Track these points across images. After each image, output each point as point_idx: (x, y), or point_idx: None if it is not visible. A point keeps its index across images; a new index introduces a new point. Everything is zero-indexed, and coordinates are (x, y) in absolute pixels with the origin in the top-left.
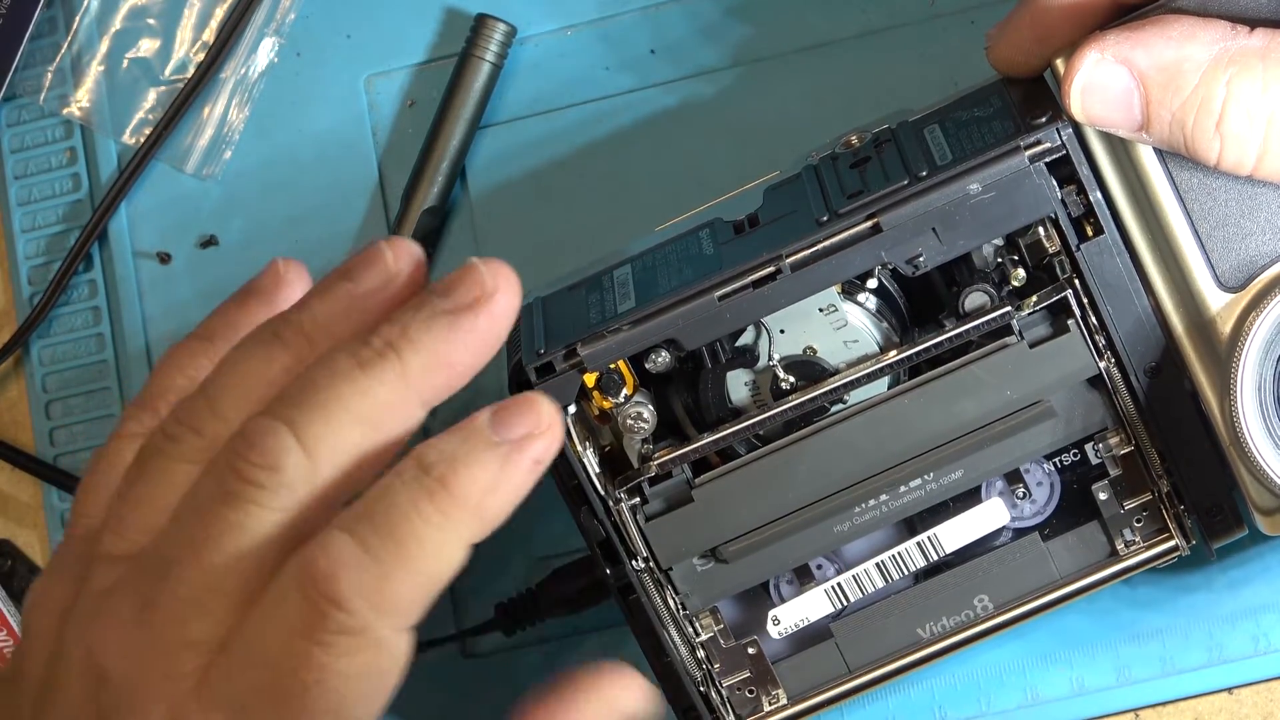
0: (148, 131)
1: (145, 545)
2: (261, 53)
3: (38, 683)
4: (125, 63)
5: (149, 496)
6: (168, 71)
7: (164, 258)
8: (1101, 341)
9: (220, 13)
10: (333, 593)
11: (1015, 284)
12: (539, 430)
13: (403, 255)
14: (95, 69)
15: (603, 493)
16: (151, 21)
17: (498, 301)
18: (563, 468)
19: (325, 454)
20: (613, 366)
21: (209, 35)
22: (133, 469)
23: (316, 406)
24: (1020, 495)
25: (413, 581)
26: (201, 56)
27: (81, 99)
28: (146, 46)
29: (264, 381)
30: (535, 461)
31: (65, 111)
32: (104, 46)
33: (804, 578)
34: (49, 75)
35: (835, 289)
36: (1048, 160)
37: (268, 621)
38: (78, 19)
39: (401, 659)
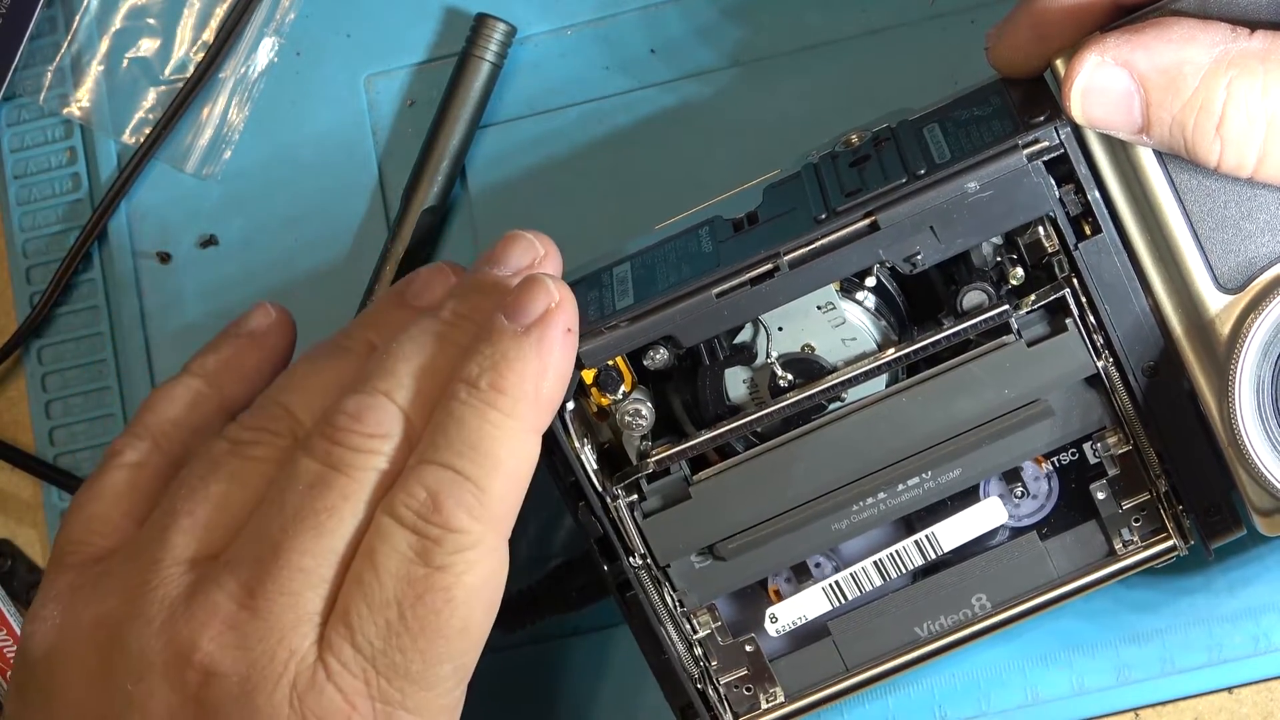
0: (147, 131)
1: (231, 542)
2: (261, 52)
3: (85, 709)
4: (125, 62)
5: (227, 497)
6: (167, 71)
7: (164, 257)
8: (1099, 341)
9: (220, 12)
10: (441, 518)
11: (1014, 283)
12: (554, 302)
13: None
14: (95, 68)
15: (600, 489)
16: (151, 21)
17: (557, 322)
18: (560, 464)
19: (418, 409)
20: (611, 363)
21: (209, 35)
22: (195, 478)
23: (401, 373)
24: (1018, 494)
25: (505, 485)
26: (201, 56)
27: (81, 98)
28: (146, 46)
29: (336, 386)
30: (567, 331)
31: (65, 111)
32: (104, 46)
33: (802, 575)
34: (49, 75)
35: (833, 287)
36: (1046, 159)
37: (383, 568)
38: (77, 18)
39: (507, 561)
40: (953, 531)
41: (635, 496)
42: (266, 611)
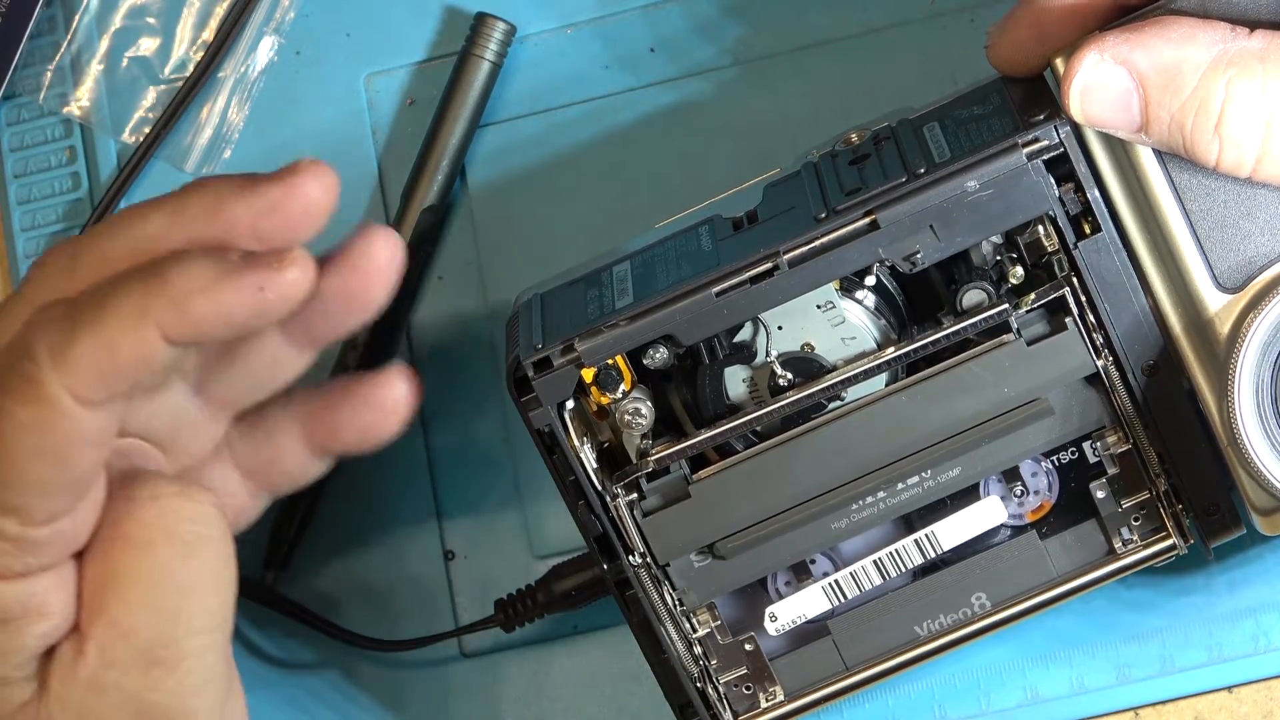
0: (147, 130)
1: None
2: (261, 51)
3: None
4: (125, 61)
5: None
6: (167, 70)
7: None
8: (1099, 340)
9: (220, 11)
10: (27, 340)
11: (1013, 282)
12: (279, 266)
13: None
14: (95, 68)
15: (600, 488)
16: (151, 20)
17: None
18: (560, 463)
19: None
20: (610, 362)
21: (208, 34)
22: None
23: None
24: (1018, 493)
25: (96, 348)
26: (201, 55)
27: (81, 97)
28: (146, 45)
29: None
30: (259, 290)
31: (65, 110)
32: (104, 45)
33: (801, 575)
34: (48, 74)
35: (833, 286)
36: (1046, 158)
37: None
38: (77, 18)
39: (80, 435)
40: (952, 530)
41: (635, 495)
42: None
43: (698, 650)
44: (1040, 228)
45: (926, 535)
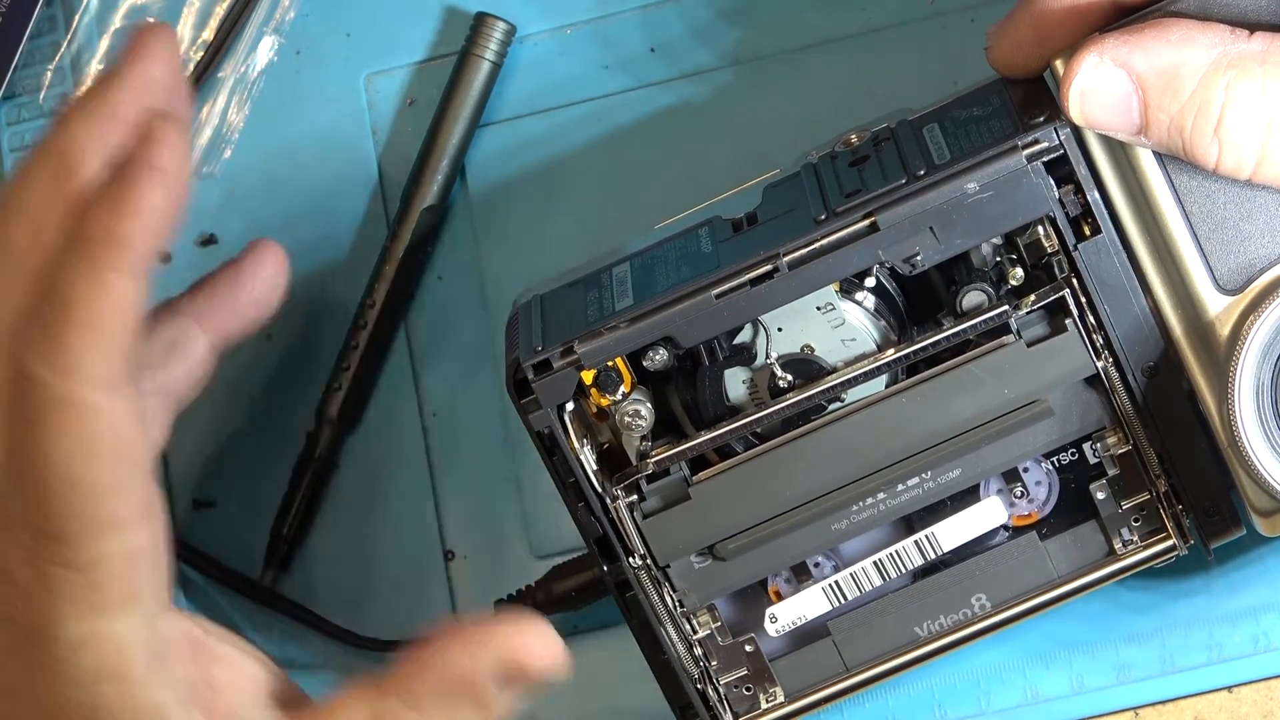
0: None
1: None
2: (261, 51)
3: None
4: None
5: None
6: None
7: (163, 256)
8: (1099, 341)
9: (220, 11)
10: (23, 367)
11: (1013, 283)
12: (148, 144)
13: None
14: (95, 67)
15: (600, 490)
16: (151, 20)
17: (147, 48)
18: (560, 465)
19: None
20: (610, 364)
21: (208, 34)
22: None
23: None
24: (1018, 494)
25: (83, 336)
26: (201, 55)
27: None
28: None
29: None
30: (150, 169)
31: None
32: (104, 45)
33: (801, 576)
34: (48, 73)
35: (833, 287)
36: (1045, 160)
37: (3, 413)
38: (77, 17)
39: (123, 419)
40: (952, 531)
41: (635, 497)
42: None
43: (698, 651)
44: (1040, 229)
45: (927, 536)
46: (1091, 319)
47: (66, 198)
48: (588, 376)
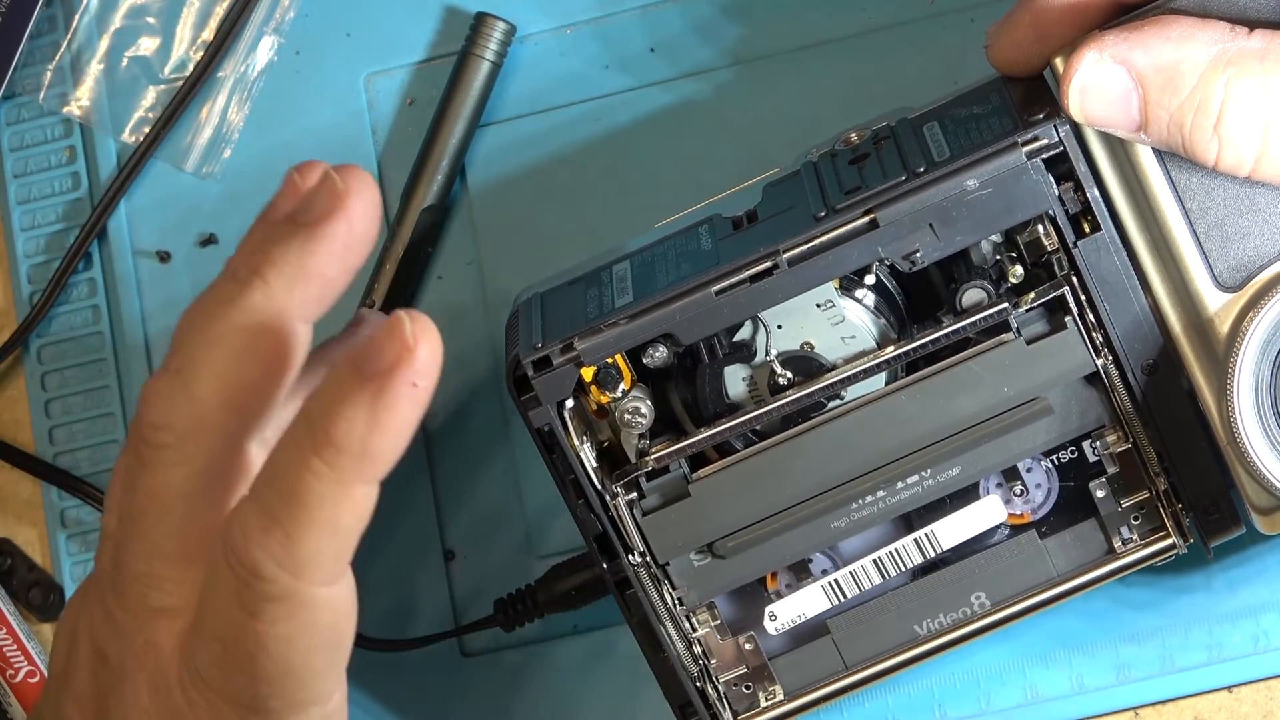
0: (147, 130)
1: (113, 529)
2: (261, 51)
3: (59, 675)
4: (125, 61)
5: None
6: (167, 70)
7: (163, 256)
8: (1099, 339)
9: (220, 11)
10: (249, 564)
11: (1013, 281)
12: (407, 352)
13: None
14: (95, 67)
15: (599, 487)
16: (151, 20)
17: (352, 207)
18: (560, 462)
19: (209, 392)
20: (610, 361)
21: (208, 34)
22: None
23: (191, 347)
24: (1017, 493)
25: (320, 538)
26: (201, 55)
27: (81, 97)
28: (146, 45)
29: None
30: (411, 386)
31: (65, 110)
32: (103, 45)
33: (801, 574)
34: (48, 73)
35: (833, 285)
36: (1045, 157)
37: (211, 596)
38: (77, 17)
39: (342, 608)
40: (952, 529)
41: (634, 494)
42: (126, 603)
43: (697, 649)
44: (1040, 227)
45: (926, 534)
46: (1091, 316)
47: (273, 370)
48: (587, 374)
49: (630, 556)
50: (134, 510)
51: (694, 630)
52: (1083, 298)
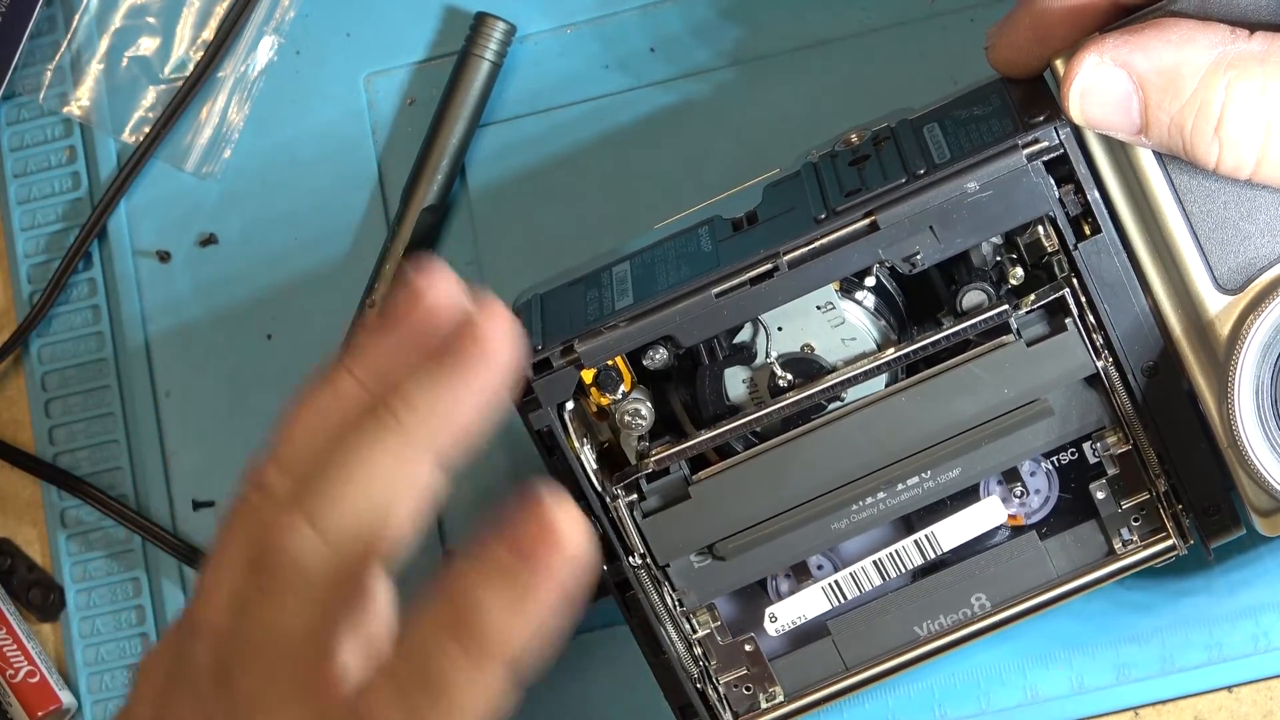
0: (147, 130)
1: (221, 632)
2: (261, 51)
3: None
4: (125, 61)
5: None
6: (167, 70)
7: (163, 256)
8: (1099, 341)
9: (220, 11)
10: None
11: (1013, 283)
12: (561, 552)
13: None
14: (95, 67)
15: (600, 489)
16: (151, 20)
17: (496, 353)
18: (560, 464)
19: (339, 531)
20: (610, 363)
21: (208, 34)
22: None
23: (325, 488)
24: (1018, 494)
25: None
26: (201, 55)
27: (81, 97)
28: (146, 45)
29: (324, 433)
30: (560, 585)
31: (65, 110)
32: (103, 45)
33: (801, 575)
34: (48, 73)
35: (833, 287)
36: (1045, 159)
37: None
38: (77, 17)
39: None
40: (952, 531)
41: (635, 496)
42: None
43: (697, 651)
44: (1040, 229)
45: (926, 536)
46: (1091, 318)
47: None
48: (588, 375)
49: (630, 558)
50: (253, 638)
51: (694, 631)
52: (1083, 300)
